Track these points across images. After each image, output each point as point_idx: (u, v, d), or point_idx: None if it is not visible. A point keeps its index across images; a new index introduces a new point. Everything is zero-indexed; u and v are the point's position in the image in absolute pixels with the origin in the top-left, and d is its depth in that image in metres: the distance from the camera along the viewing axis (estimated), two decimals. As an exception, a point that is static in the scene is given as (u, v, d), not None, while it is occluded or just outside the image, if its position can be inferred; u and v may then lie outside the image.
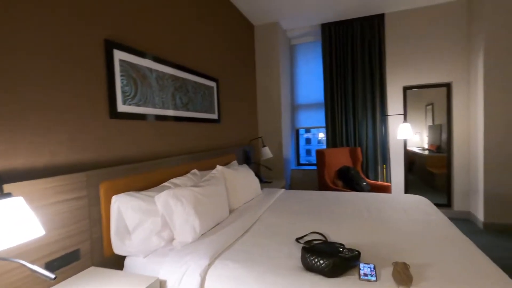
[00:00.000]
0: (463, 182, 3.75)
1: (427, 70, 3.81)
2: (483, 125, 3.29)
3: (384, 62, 3.91)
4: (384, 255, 1.40)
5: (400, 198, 2.57)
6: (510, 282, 1.13)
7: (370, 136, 4.01)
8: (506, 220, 3.24)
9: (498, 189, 3.26)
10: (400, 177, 4.01)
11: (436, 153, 4.14)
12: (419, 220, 1.93)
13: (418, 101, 4.13)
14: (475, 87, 3.47)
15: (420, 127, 4.25)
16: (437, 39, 3.75)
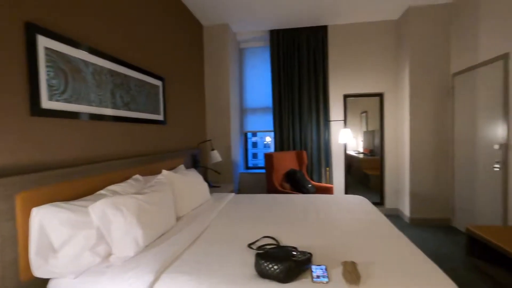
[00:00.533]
0: (393, 182, 4.18)
1: (364, 81, 4.18)
2: (409, 131, 3.73)
3: (327, 71, 4.17)
4: (333, 255, 1.45)
5: (343, 198, 2.73)
6: (440, 273, 1.25)
7: (315, 140, 4.22)
8: (428, 215, 3.71)
9: (420, 188, 3.72)
10: (340, 179, 4.29)
11: (370, 156, 4.55)
12: (362, 219, 2.06)
13: (355, 108, 4.49)
14: (402, 97, 3.92)
15: (356, 133, 4.63)
16: (372, 53, 4.14)
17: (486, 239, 2.27)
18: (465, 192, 3.35)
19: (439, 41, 3.63)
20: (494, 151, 2.85)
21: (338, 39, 4.20)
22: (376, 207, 2.41)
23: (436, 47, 3.64)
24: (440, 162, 3.69)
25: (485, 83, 2.98)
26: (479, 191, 3.09)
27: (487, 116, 2.96)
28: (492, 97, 2.87)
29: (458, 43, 3.42)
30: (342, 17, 3.95)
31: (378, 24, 4.11)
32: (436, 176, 3.70)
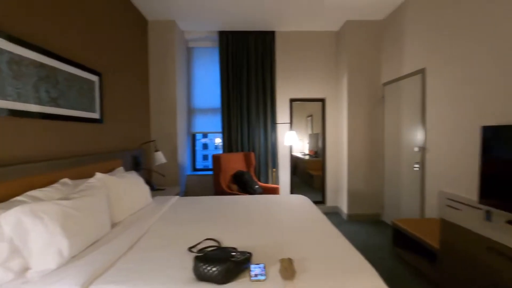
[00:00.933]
0: (333, 182, 4.49)
1: (308, 86, 4.42)
2: (347, 135, 4.06)
3: (275, 75, 4.31)
4: (273, 253, 1.49)
5: (286, 198, 2.84)
6: (372, 270, 1.37)
7: (262, 142, 4.32)
8: (362, 211, 4.07)
9: (356, 187, 4.07)
10: (286, 179, 4.46)
11: (315, 158, 4.82)
12: (302, 217, 2.17)
13: (301, 112, 4.71)
14: (341, 102, 4.24)
15: (302, 135, 4.86)
16: (316, 60, 4.41)
17: (407, 231, 2.58)
18: (392, 189, 3.76)
19: (372, 53, 4.02)
20: (414, 153, 3.25)
21: (285, 45, 4.38)
22: (316, 206, 2.56)
23: (369, 59, 4.02)
24: (372, 163, 4.08)
25: (408, 93, 3.39)
26: (403, 188, 3.50)
27: (409, 122, 3.37)
28: (413, 106, 3.28)
29: (387, 56, 3.84)
30: (288, 24, 4.13)
31: (321, 34, 4.39)
32: (370, 176, 4.08)
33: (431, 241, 2.26)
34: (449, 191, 2.69)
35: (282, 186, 4.44)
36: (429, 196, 3.00)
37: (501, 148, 1.92)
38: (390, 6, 3.58)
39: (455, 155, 2.62)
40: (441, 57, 2.80)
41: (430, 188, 2.99)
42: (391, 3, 3.49)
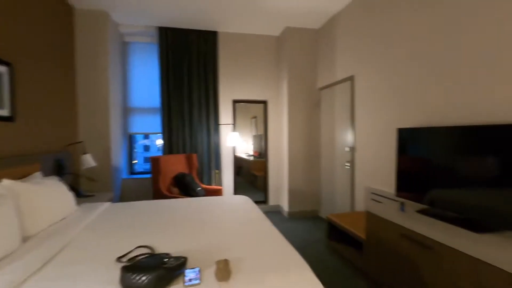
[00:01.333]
0: (275, 181, 4.64)
1: (251, 88, 4.49)
2: (287, 136, 4.24)
3: (218, 76, 4.27)
4: (210, 256, 1.46)
5: (228, 199, 2.83)
6: (304, 263, 1.44)
7: (205, 143, 4.24)
8: (302, 208, 4.28)
9: (296, 185, 4.27)
10: (230, 181, 4.45)
11: (258, 159, 4.92)
12: (242, 217, 2.18)
13: (246, 113, 4.76)
14: (282, 104, 4.42)
15: (247, 136, 4.92)
16: (258, 63, 4.51)
17: (339, 225, 2.80)
18: (328, 186, 4.05)
19: (310, 59, 4.28)
20: (346, 153, 3.55)
21: (228, 46, 4.38)
22: (257, 206, 2.61)
23: (307, 65, 4.27)
24: (311, 162, 4.33)
25: (340, 98, 3.70)
26: (337, 185, 3.79)
27: (342, 124, 3.67)
28: (345, 109, 3.58)
29: (323, 63, 4.13)
30: (231, 25, 4.14)
31: (263, 38, 4.51)
32: (308, 174, 4.32)
33: (359, 233, 2.49)
34: (373, 186, 3.00)
35: (225, 187, 4.42)
36: (358, 191, 3.31)
37: (412, 148, 2.21)
38: (324, 16, 3.85)
39: (378, 154, 2.93)
40: (367, 66, 3.11)
41: (358, 184, 3.29)
42: (326, 13, 3.76)
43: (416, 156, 2.17)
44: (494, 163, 1.61)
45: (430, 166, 2.04)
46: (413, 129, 2.21)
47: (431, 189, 2.03)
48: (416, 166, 2.16)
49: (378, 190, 2.87)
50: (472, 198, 1.73)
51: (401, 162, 2.31)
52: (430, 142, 2.06)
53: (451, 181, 1.88)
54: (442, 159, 1.95)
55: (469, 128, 1.77)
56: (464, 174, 1.79)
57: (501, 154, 1.57)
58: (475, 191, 1.72)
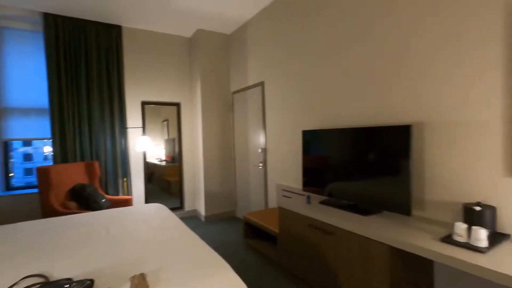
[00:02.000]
0: (191, 186, 4.53)
1: (162, 90, 4.27)
2: (202, 138, 4.20)
3: (123, 75, 3.90)
4: (124, 272, 1.33)
5: (140, 208, 2.61)
6: (225, 264, 1.46)
7: (110, 149, 3.80)
8: (219, 211, 4.31)
9: (212, 188, 4.27)
10: (140, 189, 4.12)
11: (171, 163, 4.70)
12: (157, 226, 2.06)
13: (157, 116, 4.48)
14: (196, 107, 4.36)
15: (158, 140, 4.64)
16: (170, 64, 4.32)
17: (254, 222, 2.94)
18: (243, 187, 4.20)
19: (223, 63, 4.36)
20: (258, 154, 3.77)
21: (136, 44, 4.05)
22: (173, 213, 2.50)
23: (220, 68, 4.34)
24: (226, 164, 4.41)
25: (253, 102, 3.90)
26: (251, 185, 3.98)
27: (255, 127, 3.88)
28: (257, 112, 3.80)
29: (235, 67, 4.27)
30: (137, 21, 3.85)
31: (174, 38, 4.35)
32: (223, 176, 4.39)
33: (273, 227, 2.68)
34: (284, 183, 3.28)
35: (136, 196, 4.06)
36: (271, 189, 3.55)
37: (314, 147, 2.53)
38: (236, 22, 4.00)
39: (287, 154, 3.23)
40: (275, 73, 3.38)
41: (271, 182, 3.54)
42: (237, 19, 3.91)
43: (317, 154, 2.49)
44: (373, 158, 2.00)
45: (328, 162, 2.37)
46: (314, 130, 2.53)
47: (329, 182, 2.36)
48: (318, 163, 2.48)
49: (288, 187, 3.16)
50: (359, 188, 2.10)
51: (306, 160, 2.61)
52: (327, 142, 2.39)
53: (343, 175, 2.23)
54: (336, 156, 2.29)
55: (356, 130, 2.14)
56: (353, 168, 2.15)
57: (378, 150, 1.97)
58: (361, 182, 2.09)
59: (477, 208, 1.52)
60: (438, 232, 1.62)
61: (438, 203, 1.82)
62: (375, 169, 1.99)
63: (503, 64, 1.53)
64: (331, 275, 1.98)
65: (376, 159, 1.98)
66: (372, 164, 2.01)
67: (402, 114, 2.02)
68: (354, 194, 2.14)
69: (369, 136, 2.04)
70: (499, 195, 1.56)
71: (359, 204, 2.13)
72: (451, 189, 1.76)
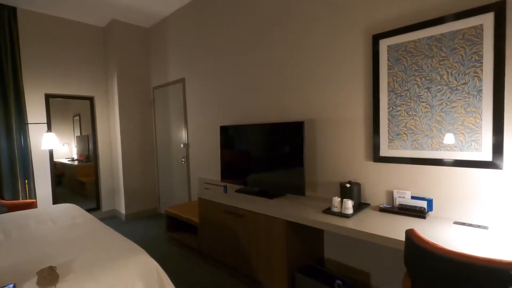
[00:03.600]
0: (108, 185, 4.30)
1: (71, 82, 3.92)
2: (120, 135, 4.04)
3: (19, 64, 3.44)
4: (31, 269, 1.32)
5: (47, 210, 2.44)
6: (138, 247, 1.56)
7: (5, 147, 3.33)
8: (141, 208, 4.22)
9: (133, 186, 4.16)
10: (47, 190, 3.73)
11: (85, 163, 4.36)
12: (66, 225, 2.00)
13: (65, 111, 4.09)
14: (113, 101, 4.15)
15: (69, 138, 4.23)
16: (80, 54, 3.99)
17: (176, 215, 3.05)
18: (165, 183, 4.22)
19: (142, 57, 4.24)
20: (181, 149, 3.85)
21: (37, 30, 3.61)
22: (86, 211, 2.42)
23: (139, 63, 4.22)
24: (146, 161, 4.33)
25: (174, 98, 3.94)
26: (174, 180, 4.03)
27: (176, 122, 3.93)
28: (178, 108, 3.86)
29: (156, 63, 4.22)
30: (36, 3, 3.44)
31: (85, 26, 4.03)
32: (145, 173, 4.31)
33: (194, 218, 2.84)
34: (205, 176, 3.46)
35: (42, 199, 3.66)
36: (193, 183, 3.68)
37: (230, 142, 2.77)
38: (155, 16, 3.94)
39: (207, 148, 3.41)
40: (196, 70, 3.51)
41: (193, 176, 3.67)
42: (157, 13, 3.87)
43: (233, 148, 2.75)
44: (276, 150, 2.35)
45: (242, 155, 2.65)
46: (229, 126, 2.77)
47: (243, 173, 2.64)
48: (234, 156, 2.74)
49: (210, 179, 3.35)
50: (267, 176, 2.44)
51: (223, 154, 2.84)
52: (240, 137, 2.67)
53: (255, 166, 2.54)
54: (249, 149, 2.59)
55: (262, 125, 2.46)
56: (262, 159, 2.48)
57: (279, 143, 2.32)
58: (268, 171, 2.43)
59: (347, 185, 1.98)
60: (322, 206, 2.05)
61: (326, 183, 2.28)
62: (279, 159, 2.34)
63: (364, 74, 2.02)
64: (244, 251, 2.26)
65: (279, 151, 2.33)
66: (276, 155, 2.36)
67: (297, 112, 2.43)
68: (264, 181, 2.47)
69: (273, 131, 2.38)
70: (363, 174, 2.07)
71: (268, 190, 2.47)
72: (333, 172, 2.22)
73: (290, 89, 2.48)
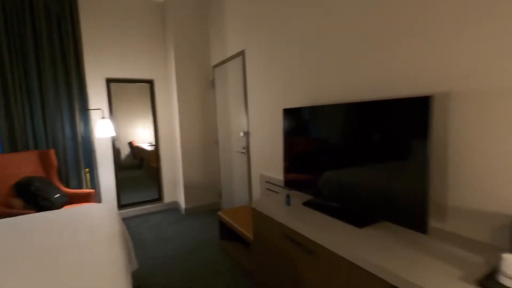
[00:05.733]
0: (170, 175, 4.01)
1: (131, 65, 3.66)
2: (178, 120, 3.62)
3: (81, 47, 3.28)
4: None
5: (79, 212, 2.11)
6: None
7: (69, 134, 3.27)
8: (200, 203, 3.80)
9: (193, 177, 3.74)
10: (110, 179, 3.61)
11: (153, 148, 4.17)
12: (84, 240, 1.53)
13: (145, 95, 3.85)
14: (172, 86, 3.75)
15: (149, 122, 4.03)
16: (140, 34, 3.68)
17: (229, 223, 2.41)
18: (226, 176, 3.66)
19: (200, 33, 3.69)
20: (240, 138, 3.18)
21: (95, 10, 3.41)
22: (117, 215, 1.98)
23: (198, 39, 3.68)
24: (208, 150, 3.85)
25: (233, 76, 3.26)
26: (235, 174, 3.42)
27: (236, 106, 3.26)
28: (238, 89, 3.17)
29: (215, 38, 3.60)
30: (93, -20, 3.19)
31: (144, 3, 3.68)
32: (205, 164, 3.84)
33: (248, 232, 2.15)
34: (267, 174, 2.71)
35: (105, 188, 3.57)
36: (254, 181, 2.99)
37: (299, 130, 1.92)
38: (211, -21, 3.29)
39: (271, 138, 2.63)
40: (256, 39, 2.72)
41: (254, 172, 2.98)
42: (212, -24, 3.20)
43: (303, 138, 1.89)
44: (373, 143, 1.39)
45: (314, 148, 1.77)
46: (300, 108, 1.91)
47: (316, 175, 1.77)
48: (303, 150, 1.88)
49: (272, 179, 2.59)
50: (354, 185, 1.51)
51: (288, 147, 2.01)
52: (314, 122, 1.78)
53: (335, 165, 1.64)
54: (325, 141, 1.69)
55: (355, 105, 1.52)
56: (348, 157, 1.55)
57: (379, 132, 1.35)
58: (357, 176, 1.49)
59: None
60: (471, 263, 1.04)
61: (469, 211, 1.22)
62: (375, 159, 1.38)
63: None
64: (312, 306, 1.44)
65: (376, 145, 1.37)
66: (370, 152, 1.40)
67: (408, 83, 1.38)
68: (347, 193, 1.55)
69: (366, 115, 1.42)
70: None
71: (351, 207, 1.55)
72: (488, 191, 1.15)
73: (393, 41, 1.45)
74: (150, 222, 3.51)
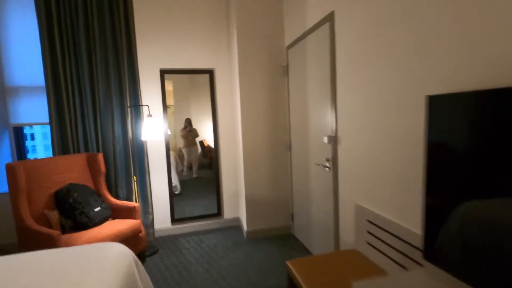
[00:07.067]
0: (232, 185, 3.27)
1: (188, 54, 3.03)
2: (241, 116, 2.84)
3: (134, 36, 2.79)
4: None
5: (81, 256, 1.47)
6: None
7: (120, 135, 2.83)
8: (267, 225, 2.94)
9: (258, 191, 2.91)
10: (163, 188, 3.08)
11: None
12: None
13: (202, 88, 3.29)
14: (234, 75, 2.98)
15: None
16: (198, 17, 3.02)
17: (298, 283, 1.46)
18: (301, 193, 2.69)
19: (272, 6, 2.80)
20: (324, 145, 2.16)
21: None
22: (142, 267, 1.26)
23: (268, 13, 2.80)
24: (277, 157, 2.95)
25: (314, 54, 2.26)
26: (313, 194, 2.43)
27: (317, 97, 2.26)
28: (321, 71, 2.16)
29: (289, 5, 2.66)
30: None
31: (202, -26, 3.01)
32: (274, 175, 2.95)
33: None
34: (370, 207, 1.65)
35: (158, 198, 3.05)
36: (344, 211, 1.96)
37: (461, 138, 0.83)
38: None
39: (381, 147, 1.55)
40: (354, -14, 1.67)
41: (344, 198, 1.94)
42: None
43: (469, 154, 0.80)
44: None
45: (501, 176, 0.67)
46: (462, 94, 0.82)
47: None
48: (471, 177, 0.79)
49: (381, 218, 1.52)
50: None
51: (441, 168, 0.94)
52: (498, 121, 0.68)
53: None
54: None
55: None
56: None
57: None
58: None
59: None
60: None
61: None
62: None
63: None
64: None
65: None
66: None
67: None
68: None
69: None
70: None
71: None
72: None
73: None
74: (204, 244, 2.84)
